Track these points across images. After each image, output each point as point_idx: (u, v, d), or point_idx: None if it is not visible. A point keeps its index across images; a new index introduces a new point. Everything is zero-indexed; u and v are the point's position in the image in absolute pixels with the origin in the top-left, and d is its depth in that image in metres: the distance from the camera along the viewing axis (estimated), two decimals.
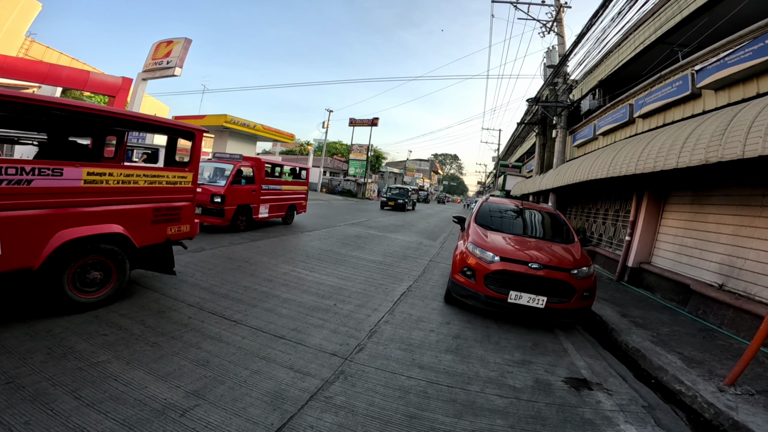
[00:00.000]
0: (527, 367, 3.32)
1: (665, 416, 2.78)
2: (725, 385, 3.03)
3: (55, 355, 2.48)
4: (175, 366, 2.55)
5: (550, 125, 13.09)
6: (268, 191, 9.07)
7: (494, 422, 2.42)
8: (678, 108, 6.19)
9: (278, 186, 9.57)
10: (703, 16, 6.24)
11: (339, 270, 5.91)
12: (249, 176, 8.53)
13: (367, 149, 38.74)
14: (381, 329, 3.74)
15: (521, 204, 6.04)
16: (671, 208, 6.70)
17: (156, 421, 1.99)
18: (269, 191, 9.11)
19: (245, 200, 8.20)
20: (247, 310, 3.76)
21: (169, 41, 17.78)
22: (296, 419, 2.17)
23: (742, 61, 4.59)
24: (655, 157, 4.77)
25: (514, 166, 25.95)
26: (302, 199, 10.95)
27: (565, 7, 11.39)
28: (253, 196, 8.48)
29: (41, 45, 24.64)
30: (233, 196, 7.79)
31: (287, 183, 10.19)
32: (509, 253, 4.30)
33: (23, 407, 1.94)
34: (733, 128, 3.55)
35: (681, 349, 3.88)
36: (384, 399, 2.51)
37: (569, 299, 4.06)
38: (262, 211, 8.87)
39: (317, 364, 2.86)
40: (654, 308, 5.54)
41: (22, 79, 18.55)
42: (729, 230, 5.15)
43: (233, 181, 7.81)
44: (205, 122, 25.98)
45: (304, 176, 11.25)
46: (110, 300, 3.39)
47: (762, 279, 4.45)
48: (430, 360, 3.20)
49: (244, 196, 8.15)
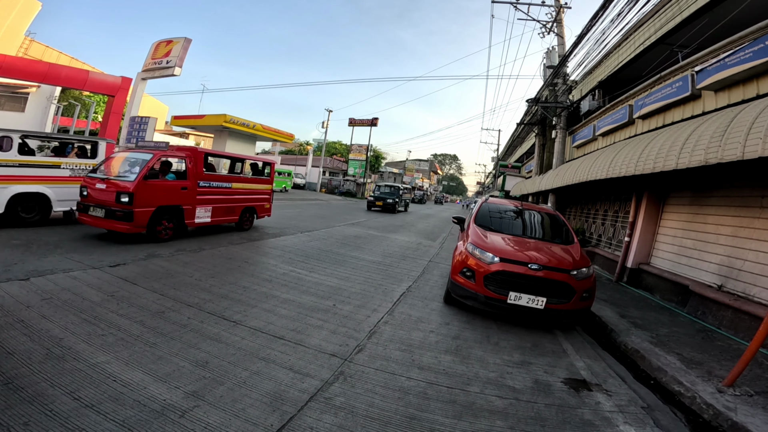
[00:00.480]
0: (527, 367, 3.32)
1: (664, 417, 2.78)
2: (724, 386, 3.03)
3: (54, 355, 2.48)
4: (175, 367, 2.55)
5: (550, 126, 13.09)
6: (210, 190, 7.32)
7: (494, 423, 2.42)
8: (678, 109, 6.20)
9: (225, 183, 7.80)
10: (704, 17, 6.25)
11: (338, 270, 5.91)
12: (180, 170, 7.02)
13: (367, 149, 38.75)
14: (380, 330, 3.74)
15: (521, 205, 6.04)
16: (670, 209, 6.71)
17: (155, 422, 1.99)
18: (211, 190, 7.35)
19: (171, 200, 6.49)
20: (247, 310, 3.76)
21: (168, 41, 17.74)
22: (296, 420, 2.17)
23: (742, 62, 4.59)
24: (655, 158, 4.77)
25: (513, 166, 25.95)
26: (265, 200, 9.15)
27: (565, 7, 11.41)
28: (185, 195, 6.75)
29: (41, 44, 24.62)
30: (149, 195, 6.02)
31: (242, 180, 8.47)
32: (509, 253, 4.31)
33: (22, 408, 1.94)
34: (733, 129, 3.55)
35: (680, 349, 3.88)
36: (384, 400, 2.51)
37: (569, 300, 4.06)
38: (201, 215, 7.16)
39: (317, 364, 2.86)
40: (653, 309, 5.54)
41: (21, 78, 18.52)
42: (728, 231, 5.16)
43: (148, 175, 6.00)
44: (205, 122, 25.98)
45: (268, 173, 9.45)
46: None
47: (761, 280, 4.46)
48: (430, 361, 3.20)
49: (168, 195, 6.44)
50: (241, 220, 8.47)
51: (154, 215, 6.17)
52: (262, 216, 9.21)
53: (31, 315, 3.02)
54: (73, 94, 26.12)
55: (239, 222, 8.43)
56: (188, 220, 6.92)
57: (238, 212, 8.27)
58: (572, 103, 11.25)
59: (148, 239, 6.26)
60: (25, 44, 23.55)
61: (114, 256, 5.13)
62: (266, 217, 9.52)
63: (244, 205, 8.44)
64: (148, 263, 4.98)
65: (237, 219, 8.29)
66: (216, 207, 7.55)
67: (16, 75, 17.73)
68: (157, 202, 6.22)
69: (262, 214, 9.19)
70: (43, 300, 3.35)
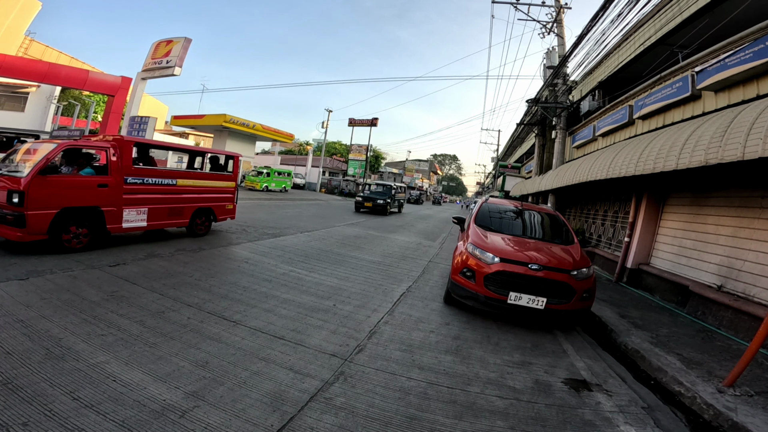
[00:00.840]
0: (527, 368, 3.32)
1: (665, 417, 2.78)
2: (724, 386, 3.03)
3: (53, 355, 2.47)
4: (175, 367, 2.55)
5: (550, 126, 13.10)
6: (143, 187, 6.00)
7: (494, 423, 2.41)
8: (678, 109, 6.20)
9: (167, 179, 6.44)
10: (704, 17, 6.25)
11: (338, 270, 5.91)
12: (100, 164, 5.70)
13: (367, 149, 38.76)
14: (381, 330, 3.73)
15: (521, 205, 6.05)
16: (670, 209, 6.71)
17: (155, 422, 1.98)
18: (145, 187, 6.03)
19: (83, 200, 5.22)
20: (247, 310, 3.75)
21: (168, 41, 17.74)
22: (296, 420, 2.16)
23: (742, 63, 4.59)
24: (655, 159, 4.77)
25: (513, 166, 25.93)
26: (226, 199, 7.68)
27: (565, 8, 11.41)
28: (106, 194, 5.47)
29: (40, 44, 24.62)
30: (48, 194, 4.79)
31: (192, 175, 6.98)
32: (509, 254, 4.30)
33: (22, 408, 1.93)
34: (733, 130, 3.55)
35: (680, 350, 3.88)
36: (384, 400, 2.51)
37: (569, 300, 4.06)
38: (131, 218, 5.85)
39: (317, 365, 2.86)
40: (653, 309, 5.54)
41: (21, 78, 18.51)
42: (728, 232, 5.16)
43: (47, 170, 4.76)
44: (205, 122, 26.02)
45: (231, 168, 7.90)
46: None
47: (761, 280, 4.46)
48: (430, 361, 3.19)
49: (78, 194, 5.16)
50: (193, 224, 7.03)
51: (57, 219, 4.88)
52: (223, 218, 7.75)
53: (30, 315, 3.02)
54: (72, 94, 26.11)
55: (190, 226, 6.99)
56: (112, 225, 5.57)
57: (188, 214, 6.83)
58: (572, 103, 11.26)
59: (54, 249, 4.95)
60: (25, 44, 23.55)
61: (113, 256, 5.12)
62: (229, 219, 8.02)
63: (197, 206, 7.01)
64: (148, 263, 4.98)
65: (187, 222, 6.87)
66: (154, 208, 6.21)
67: (16, 74, 17.72)
68: (62, 203, 4.95)
69: (222, 216, 7.69)
70: (42, 300, 3.34)
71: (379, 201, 17.21)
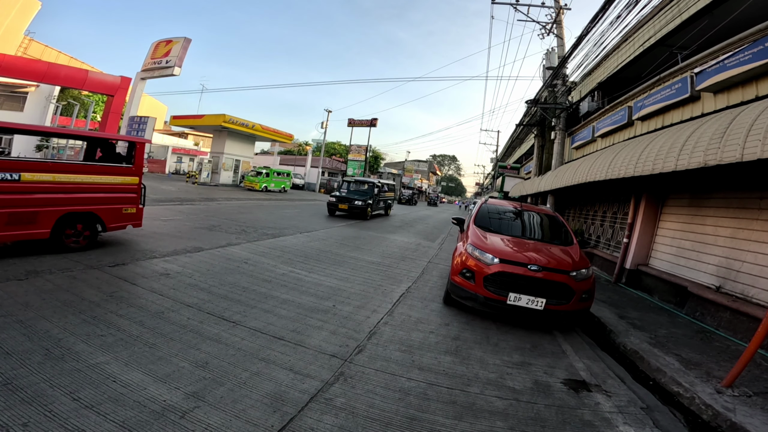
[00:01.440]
0: (526, 368, 3.33)
1: (663, 417, 2.79)
2: (723, 387, 3.04)
3: (53, 356, 2.47)
4: (174, 367, 2.55)
5: (549, 127, 13.12)
6: None
7: (494, 424, 2.42)
8: (677, 110, 6.22)
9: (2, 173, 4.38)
10: (704, 18, 6.27)
11: (338, 271, 5.91)
12: None
13: (366, 150, 38.77)
14: (380, 330, 3.74)
15: (520, 206, 6.06)
16: (669, 210, 6.73)
17: (155, 422, 1.98)
18: None
19: None
20: (246, 311, 3.75)
21: (168, 41, 17.74)
22: (296, 421, 2.16)
23: (741, 64, 4.61)
24: (654, 160, 4.78)
25: (512, 167, 25.95)
26: (122, 200, 5.71)
27: (565, 9, 11.43)
28: None
29: (40, 44, 24.60)
30: None
31: (53, 167, 5.04)
32: (508, 254, 4.31)
33: (21, 408, 1.93)
34: (732, 131, 3.56)
35: (679, 350, 3.89)
36: (384, 400, 2.51)
37: (568, 301, 4.07)
38: None
39: (317, 365, 2.86)
40: (652, 310, 5.56)
41: (20, 77, 18.49)
42: (726, 233, 5.17)
43: None
44: (204, 122, 25.96)
45: (133, 158, 5.86)
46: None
47: (759, 281, 4.47)
48: (430, 361, 3.20)
49: None
50: (61, 234, 5.04)
51: None
52: (117, 226, 5.67)
53: (29, 315, 3.02)
54: (72, 94, 26.08)
55: (55, 236, 4.96)
56: None
57: (48, 221, 4.83)
58: (571, 104, 11.28)
59: None
60: (25, 43, 23.52)
61: (113, 256, 5.12)
62: (130, 226, 6.01)
63: (66, 210, 5.03)
64: (148, 263, 4.97)
65: (47, 232, 4.84)
66: None
67: (16, 74, 17.70)
68: None
69: (116, 224, 5.64)
70: (42, 300, 3.34)
71: (357, 202, 13.87)
